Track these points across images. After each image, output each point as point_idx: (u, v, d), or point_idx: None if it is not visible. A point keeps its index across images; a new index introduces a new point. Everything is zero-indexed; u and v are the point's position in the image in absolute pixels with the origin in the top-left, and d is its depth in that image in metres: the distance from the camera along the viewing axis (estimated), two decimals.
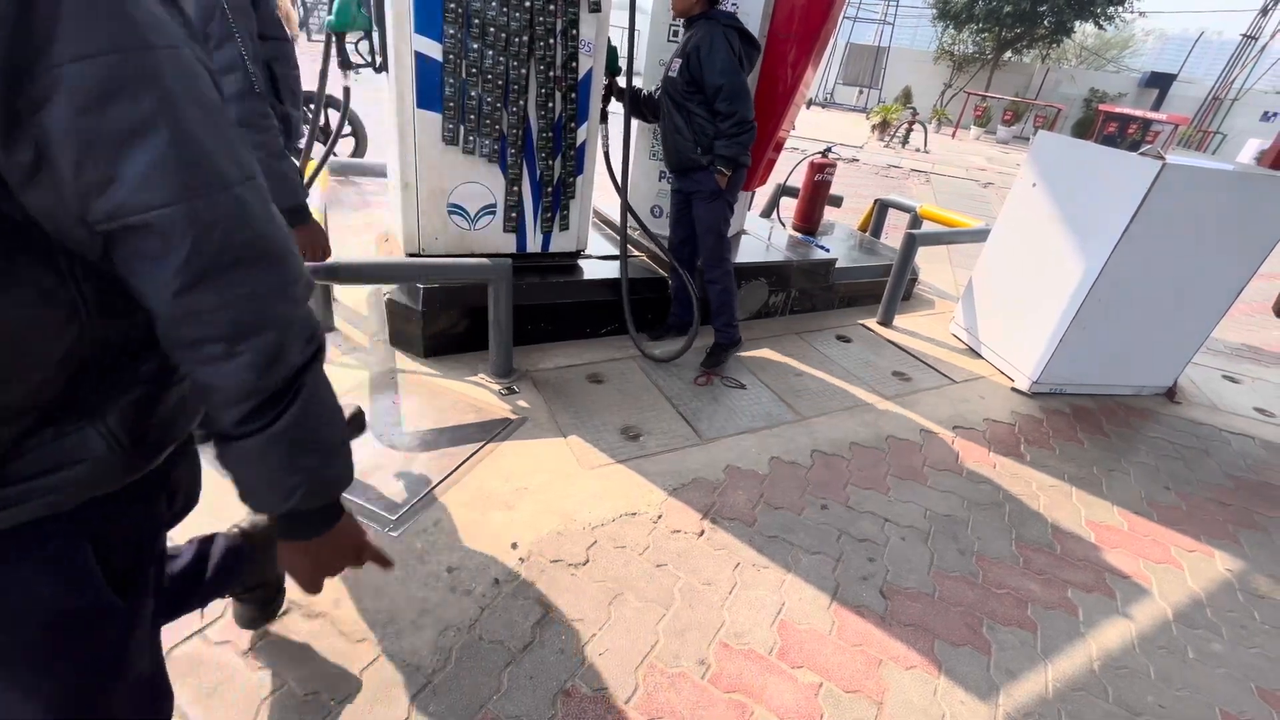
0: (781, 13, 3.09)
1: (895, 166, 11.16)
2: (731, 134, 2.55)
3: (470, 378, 2.73)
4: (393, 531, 1.89)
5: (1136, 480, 2.72)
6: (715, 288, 2.91)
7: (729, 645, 1.70)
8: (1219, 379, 3.87)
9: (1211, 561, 2.30)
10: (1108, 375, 3.36)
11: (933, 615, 1.89)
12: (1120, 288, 3.01)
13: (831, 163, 4.38)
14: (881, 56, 23.62)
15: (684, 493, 2.23)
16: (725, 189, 2.69)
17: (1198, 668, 1.85)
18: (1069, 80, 22.48)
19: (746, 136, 2.59)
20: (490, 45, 2.44)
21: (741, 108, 2.52)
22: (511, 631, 1.64)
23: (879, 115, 15.13)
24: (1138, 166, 2.80)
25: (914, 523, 2.26)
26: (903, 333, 3.86)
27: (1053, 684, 1.73)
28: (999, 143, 19.03)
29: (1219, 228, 2.93)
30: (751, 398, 2.90)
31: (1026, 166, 3.42)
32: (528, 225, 2.92)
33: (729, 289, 2.91)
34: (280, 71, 1.66)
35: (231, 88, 1.41)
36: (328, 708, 1.41)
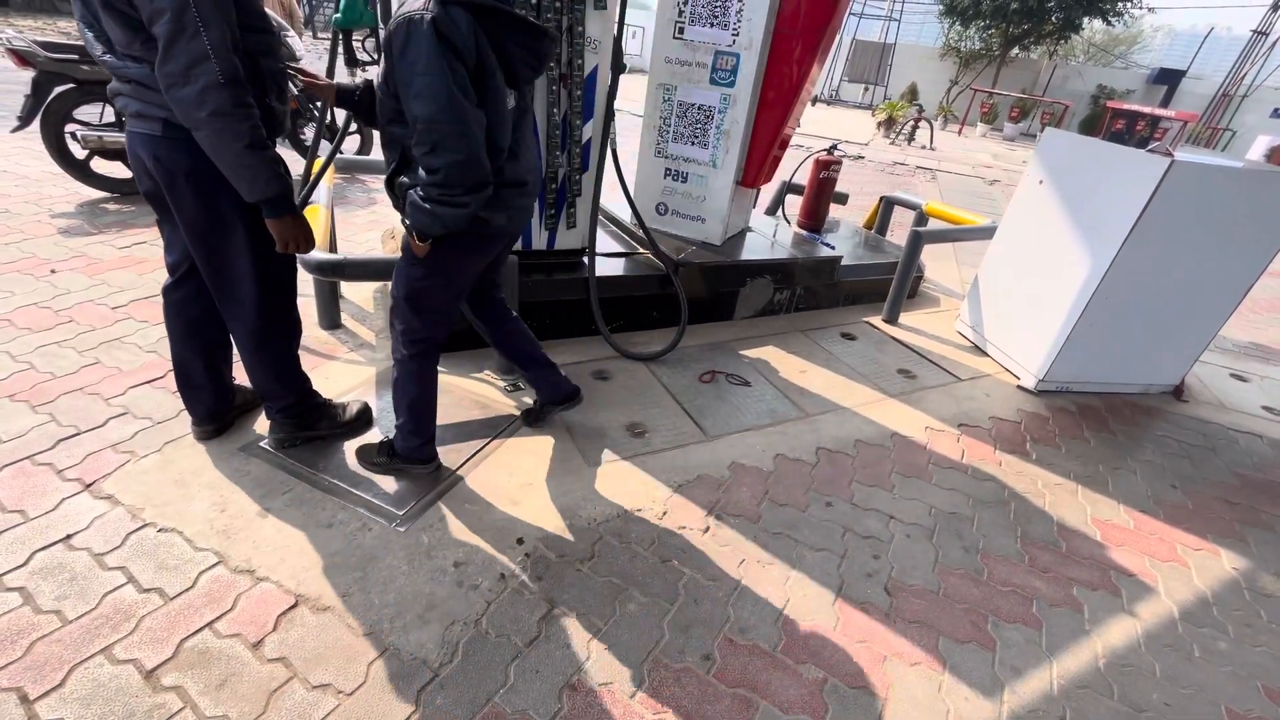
0: (787, 9, 3.08)
1: (901, 164, 11.11)
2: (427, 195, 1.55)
3: (476, 374, 2.75)
4: (399, 527, 1.91)
5: (1143, 478, 2.71)
6: (396, 376, 1.97)
7: (734, 640, 1.70)
8: (1227, 377, 3.85)
9: (1218, 560, 2.29)
10: (1114, 373, 3.34)
11: (937, 612, 1.89)
12: (1127, 286, 3.00)
13: (837, 160, 4.37)
14: (887, 53, 23.47)
15: (689, 489, 2.23)
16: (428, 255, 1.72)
17: (1203, 666, 1.85)
18: (1076, 77, 22.29)
19: (457, 198, 1.53)
20: None
21: (448, 155, 1.46)
22: (517, 626, 1.65)
23: (885, 112, 15.05)
24: (1146, 164, 2.79)
25: (919, 520, 2.26)
26: (908, 330, 3.85)
27: (1058, 681, 1.73)
28: (1005, 140, 18.92)
29: (1228, 225, 2.91)
30: (756, 395, 2.90)
31: (1033, 164, 3.40)
32: (533, 223, 2.93)
33: (416, 388, 1.96)
34: (266, 65, 1.63)
35: (200, 80, 1.40)
36: (336, 700, 1.43)
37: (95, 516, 1.81)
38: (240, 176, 1.56)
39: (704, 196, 3.57)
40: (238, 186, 1.58)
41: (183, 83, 1.40)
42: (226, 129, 1.47)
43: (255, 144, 1.52)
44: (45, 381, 2.35)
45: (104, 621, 1.53)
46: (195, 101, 1.42)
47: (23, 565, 1.64)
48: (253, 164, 1.54)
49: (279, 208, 1.65)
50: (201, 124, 1.45)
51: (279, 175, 1.61)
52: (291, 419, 2.11)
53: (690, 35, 3.23)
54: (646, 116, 3.52)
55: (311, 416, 2.16)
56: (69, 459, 2.00)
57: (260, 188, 1.59)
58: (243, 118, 1.48)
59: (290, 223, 1.70)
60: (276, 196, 1.62)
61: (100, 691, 1.39)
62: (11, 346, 2.54)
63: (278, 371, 2.01)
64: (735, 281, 3.56)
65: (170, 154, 1.59)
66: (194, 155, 1.57)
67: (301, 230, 1.73)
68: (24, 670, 1.41)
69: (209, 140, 1.49)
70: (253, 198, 1.60)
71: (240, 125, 1.48)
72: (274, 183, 1.60)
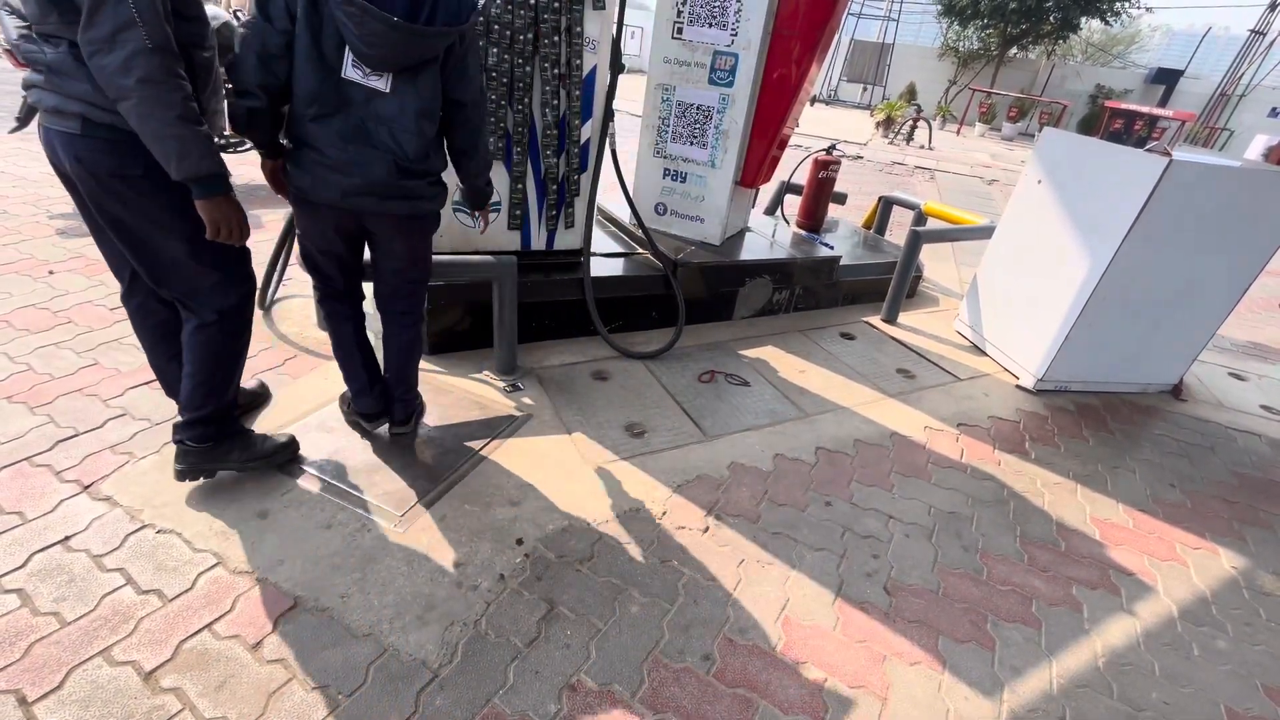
0: (785, 9, 3.08)
1: (899, 163, 11.12)
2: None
3: (475, 375, 2.74)
4: (398, 528, 1.90)
5: (1142, 478, 2.71)
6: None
7: (733, 641, 1.70)
8: (1225, 376, 3.85)
9: (1217, 559, 2.30)
10: (1113, 373, 3.35)
11: (937, 612, 1.89)
12: (1126, 285, 3.00)
13: (836, 160, 4.37)
14: (886, 53, 23.50)
15: (688, 489, 2.23)
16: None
17: (1203, 665, 1.85)
18: (1075, 76, 22.32)
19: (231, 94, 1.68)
20: (495, 43, 2.44)
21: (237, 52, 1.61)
22: (517, 626, 1.65)
23: (883, 112, 15.07)
24: (1144, 163, 2.79)
25: (918, 519, 2.26)
26: (907, 330, 3.86)
27: (1057, 680, 1.73)
28: (1004, 139, 18.94)
29: (1226, 224, 2.91)
30: (755, 395, 2.90)
31: (1032, 163, 3.41)
32: (532, 223, 2.93)
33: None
34: (198, 58, 1.52)
35: (127, 45, 1.29)
36: (336, 701, 1.42)
37: (94, 518, 1.81)
38: (169, 150, 1.42)
39: (703, 196, 3.57)
40: (164, 162, 1.44)
41: (107, 49, 1.30)
42: (156, 97, 1.35)
43: (188, 116, 1.40)
44: (44, 383, 2.35)
45: (103, 623, 1.53)
46: (121, 68, 1.31)
47: (21, 567, 1.64)
48: (184, 135, 1.41)
49: (209, 187, 1.51)
50: (128, 92, 1.33)
51: (211, 152, 1.48)
52: (203, 441, 1.85)
53: (689, 35, 3.23)
54: (645, 116, 3.52)
55: (225, 445, 1.90)
56: (67, 460, 2.00)
57: (191, 163, 1.44)
58: (174, 87, 1.37)
59: (221, 203, 1.55)
60: (208, 175, 1.48)
61: (99, 693, 1.38)
62: (10, 348, 2.53)
63: (212, 370, 1.80)
64: (734, 281, 3.56)
65: (91, 154, 1.47)
66: (119, 155, 1.46)
67: (234, 213, 1.58)
68: (22, 672, 1.41)
69: (136, 110, 1.36)
70: (180, 174, 1.45)
71: (172, 94, 1.37)
72: (206, 160, 1.46)
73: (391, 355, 2.16)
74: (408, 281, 2.05)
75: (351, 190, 1.72)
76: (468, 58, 1.72)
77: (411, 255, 1.98)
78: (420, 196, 1.81)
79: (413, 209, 1.82)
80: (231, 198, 1.57)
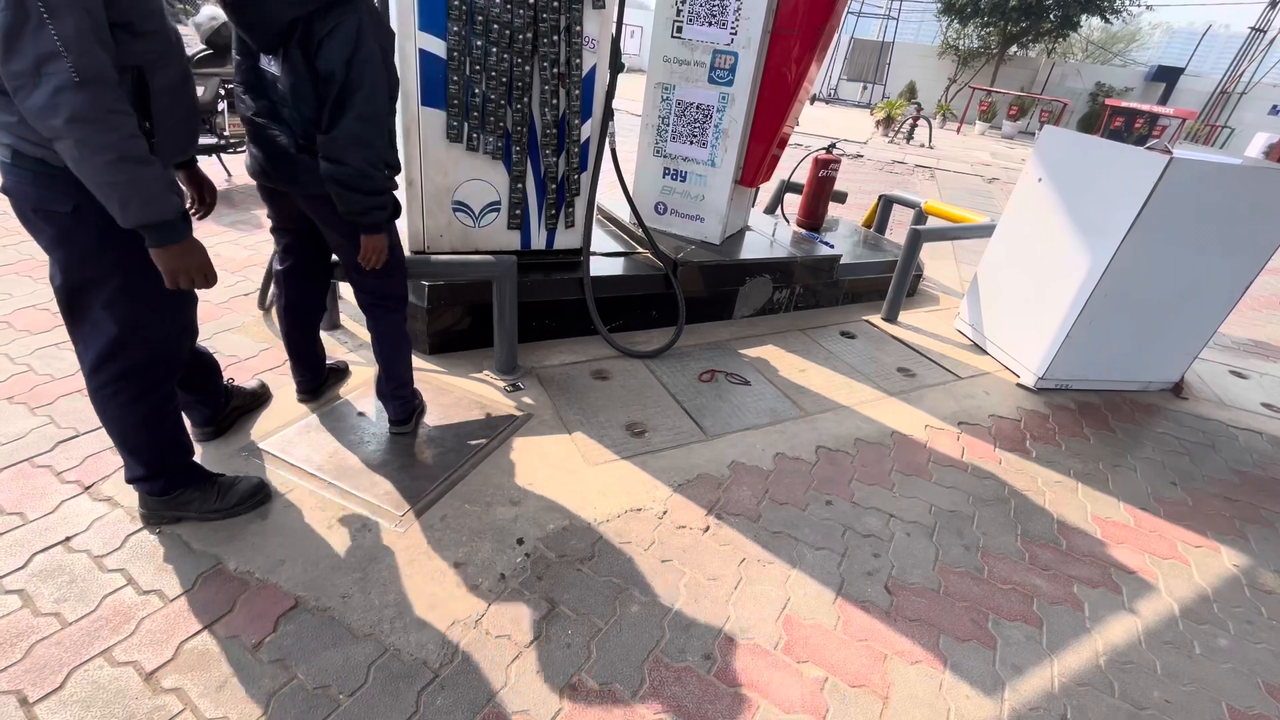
0: (785, 7, 3.08)
1: (900, 162, 11.11)
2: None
3: (475, 374, 2.74)
4: (399, 527, 1.90)
5: (1143, 476, 2.71)
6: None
7: (734, 640, 1.70)
8: (1226, 374, 3.85)
9: (1218, 557, 2.29)
10: (1114, 371, 3.35)
11: (938, 610, 1.89)
12: (1127, 283, 3.00)
13: (836, 159, 4.37)
14: (886, 52, 23.48)
15: (689, 489, 2.23)
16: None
17: (1204, 663, 1.85)
18: (1075, 75, 22.30)
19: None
20: (494, 42, 2.44)
21: None
22: (518, 626, 1.65)
23: (883, 111, 15.05)
24: (1144, 161, 2.79)
25: (919, 518, 2.26)
26: (907, 329, 3.85)
27: (1058, 679, 1.73)
28: (1004, 138, 18.93)
29: (1227, 222, 2.91)
30: (756, 394, 2.90)
31: (1032, 162, 3.40)
32: (532, 222, 2.93)
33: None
34: (158, 82, 1.35)
35: (51, 80, 1.13)
36: (337, 701, 1.42)
37: (95, 518, 1.81)
38: (108, 196, 1.26)
39: (703, 195, 3.57)
40: (109, 208, 1.28)
41: (30, 85, 1.14)
42: (88, 139, 1.18)
43: (129, 157, 1.23)
44: (44, 384, 2.35)
45: (104, 624, 1.53)
46: (47, 107, 1.14)
47: (22, 568, 1.64)
48: (124, 180, 1.24)
49: (160, 235, 1.35)
50: (60, 133, 1.17)
51: (161, 195, 1.31)
52: (153, 494, 1.76)
53: (688, 34, 3.23)
54: (645, 116, 3.52)
55: (184, 496, 1.79)
56: (68, 461, 2.00)
57: (135, 211, 1.28)
58: (110, 125, 1.20)
59: (178, 253, 1.39)
60: (158, 223, 1.32)
61: (100, 694, 1.39)
62: (10, 349, 2.53)
63: (123, 434, 1.64)
64: (734, 280, 3.56)
65: (19, 185, 1.33)
66: (41, 188, 1.32)
67: (192, 260, 1.42)
68: (24, 673, 1.41)
69: (70, 154, 1.21)
70: (127, 223, 1.29)
71: (107, 135, 1.20)
72: (154, 205, 1.30)
73: (373, 349, 2.20)
74: (358, 271, 2.03)
75: (258, 168, 1.86)
76: (333, 34, 1.60)
77: (342, 239, 1.96)
78: (316, 174, 1.76)
79: (309, 187, 1.82)
80: (189, 244, 1.41)
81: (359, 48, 1.60)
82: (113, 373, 1.55)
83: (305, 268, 2.17)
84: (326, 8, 1.58)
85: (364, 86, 1.64)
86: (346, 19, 1.58)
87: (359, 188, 1.73)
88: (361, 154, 1.70)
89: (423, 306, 2.72)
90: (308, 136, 1.75)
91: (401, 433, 2.29)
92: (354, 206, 1.77)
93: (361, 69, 1.62)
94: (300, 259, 2.15)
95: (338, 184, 1.72)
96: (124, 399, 1.60)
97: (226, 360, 2.62)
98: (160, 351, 1.61)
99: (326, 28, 1.59)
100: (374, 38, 1.63)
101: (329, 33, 1.59)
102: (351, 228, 1.88)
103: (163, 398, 1.67)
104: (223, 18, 4.36)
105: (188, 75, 1.47)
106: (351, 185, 1.73)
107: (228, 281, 3.33)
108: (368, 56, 1.62)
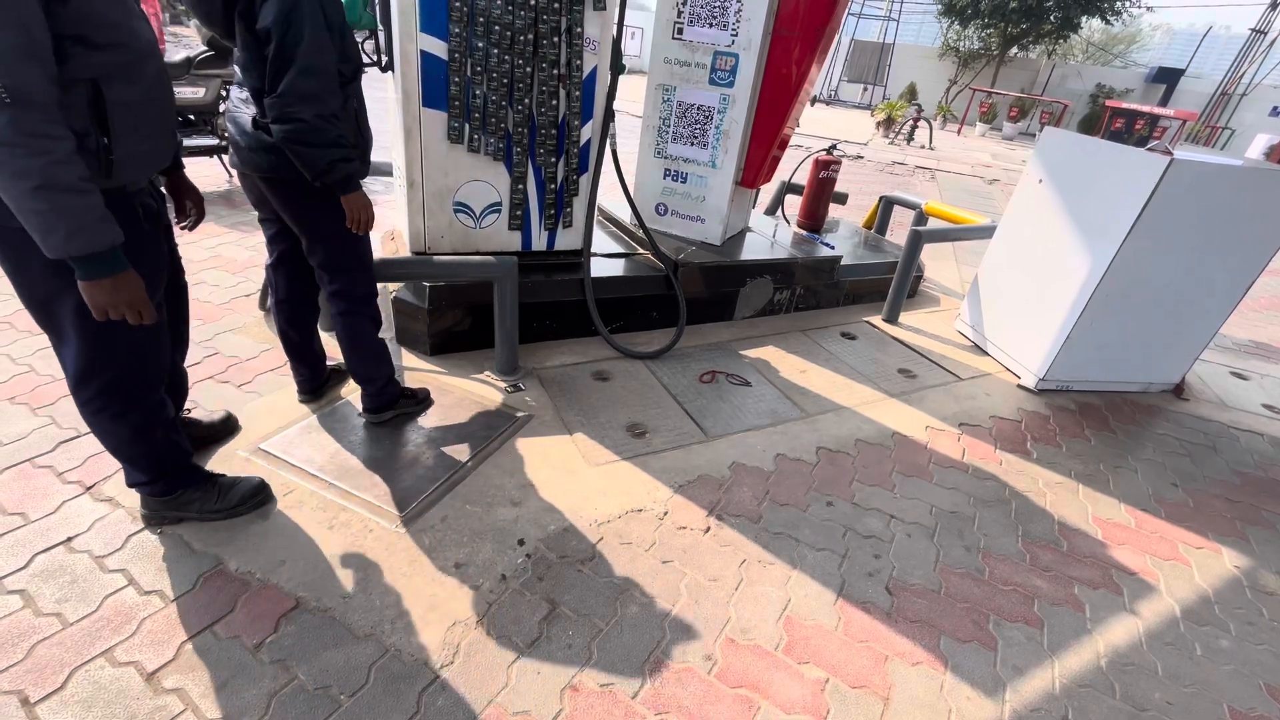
0: (785, 9, 3.08)
1: (900, 163, 11.12)
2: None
3: (476, 375, 2.75)
4: (400, 528, 1.91)
5: (1144, 477, 2.71)
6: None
7: (735, 641, 1.70)
8: (1227, 375, 3.85)
9: (1219, 558, 2.29)
10: (1115, 372, 3.34)
11: (939, 611, 1.89)
12: (1127, 284, 3.00)
13: (836, 160, 4.37)
14: (886, 53, 23.49)
15: (690, 490, 2.23)
16: None
17: (1205, 664, 1.85)
18: (1075, 76, 22.29)
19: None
20: (495, 44, 2.45)
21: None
22: (519, 627, 1.65)
23: (884, 112, 15.06)
24: (1145, 162, 2.79)
25: (920, 519, 2.26)
26: (908, 330, 3.85)
27: (1059, 680, 1.73)
28: (1004, 139, 18.93)
29: (1227, 223, 2.91)
30: (757, 395, 2.90)
31: (1032, 163, 3.40)
32: (532, 223, 2.93)
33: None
34: (118, 95, 1.28)
35: None
36: (338, 702, 1.42)
37: (96, 519, 1.81)
38: (30, 225, 1.20)
39: (703, 197, 3.57)
40: (33, 237, 1.22)
41: None
42: (5, 163, 1.12)
43: (52, 184, 1.16)
44: (45, 384, 2.35)
45: (105, 624, 1.53)
46: None
47: (23, 568, 1.64)
48: (45, 210, 1.17)
49: (88, 269, 1.27)
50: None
51: (90, 226, 1.23)
52: (155, 495, 1.77)
53: (689, 35, 3.23)
54: (646, 117, 3.52)
55: (185, 497, 1.80)
56: (70, 461, 2.00)
57: (57, 242, 1.21)
58: (33, 150, 1.13)
59: (109, 287, 1.30)
60: (85, 255, 1.25)
61: (101, 694, 1.39)
62: (12, 349, 2.54)
63: (116, 446, 1.65)
64: (735, 281, 3.56)
65: None
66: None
67: (124, 297, 1.33)
68: (25, 673, 1.41)
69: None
70: (50, 253, 1.23)
71: (27, 160, 1.13)
72: (79, 237, 1.22)
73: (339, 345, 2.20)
74: (318, 264, 2.03)
75: (234, 156, 1.86)
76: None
77: (301, 226, 1.95)
78: (269, 149, 1.74)
79: (269, 169, 1.79)
80: (122, 279, 1.32)
81: (296, 5, 1.58)
82: (95, 389, 1.53)
83: (291, 259, 2.12)
84: None
85: (304, 40, 1.60)
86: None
87: (314, 142, 1.67)
88: (311, 107, 1.65)
89: (424, 307, 2.73)
90: (262, 110, 1.72)
91: (375, 421, 2.33)
92: (316, 164, 1.71)
93: (300, 24, 1.59)
94: (285, 250, 2.11)
95: (293, 142, 1.67)
96: (110, 414, 1.57)
97: (227, 361, 2.62)
98: (136, 363, 1.56)
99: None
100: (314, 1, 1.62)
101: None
102: (313, 217, 1.87)
103: (151, 407, 1.63)
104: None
105: (159, 85, 1.41)
106: (306, 140, 1.67)
107: (229, 283, 3.33)
108: (307, 13, 1.60)
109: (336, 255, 2.01)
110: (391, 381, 2.32)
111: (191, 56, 4.50)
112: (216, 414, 2.20)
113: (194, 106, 4.61)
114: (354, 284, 2.08)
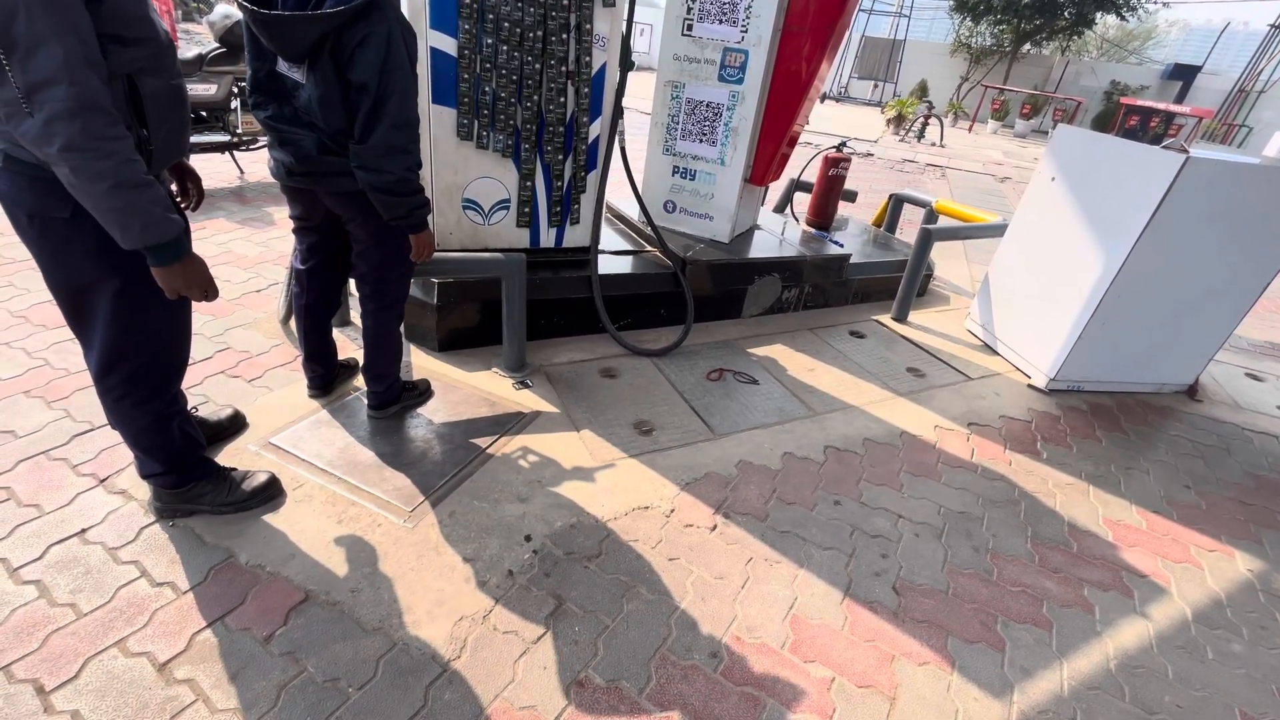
0: (795, 5, 3.07)
1: (910, 161, 11.04)
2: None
3: (484, 372, 2.76)
4: (408, 523, 1.92)
5: (1155, 479, 2.68)
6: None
7: (741, 639, 1.70)
8: (1242, 377, 3.80)
9: (1232, 561, 2.27)
10: (1127, 372, 3.31)
11: (946, 612, 1.88)
12: (1141, 284, 2.96)
13: (846, 157, 4.35)
14: (897, 50, 23.31)
15: (696, 487, 2.23)
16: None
17: (1217, 668, 1.83)
18: (1089, 73, 22.03)
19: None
20: (504, 40, 2.45)
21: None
22: (525, 622, 1.66)
23: (894, 109, 14.96)
24: (1160, 161, 2.75)
25: (928, 519, 2.25)
26: (917, 329, 3.83)
27: (1068, 682, 1.72)
28: (1017, 137, 18.75)
29: (1243, 223, 2.87)
30: (764, 393, 2.89)
31: (1045, 161, 3.37)
32: (541, 220, 2.94)
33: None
34: (149, 88, 1.33)
35: (44, 108, 1.11)
36: (346, 694, 1.44)
37: (109, 511, 1.83)
38: (109, 221, 1.27)
39: (712, 194, 3.56)
40: (109, 231, 1.29)
41: (22, 114, 1.13)
42: (83, 167, 1.17)
43: (125, 183, 1.22)
44: (60, 378, 2.38)
45: (118, 615, 1.55)
46: (41, 136, 1.14)
47: (38, 559, 1.67)
48: (121, 206, 1.24)
49: (162, 255, 1.36)
50: (56, 160, 1.17)
51: (160, 217, 1.31)
52: (166, 487, 1.79)
53: (699, 32, 3.22)
54: (654, 114, 3.52)
55: (196, 489, 1.83)
56: (84, 454, 2.03)
57: (135, 235, 1.29)
58: (104, 152, 1.18)
59: (180, 271, 1.40)
60: (159, 244, 1.33)
61: (114, 684, 1.41)
62: (27, 343, 2.57)
63: (135, 435, 1.68)
64: (743, 279, 3.55)
65: (12, 190, 1.31)
66: (38, 194, 1.30)
67: (194, 277, 1.44)
68: (40, 662, 1.43)
69: (68, 180, 1.21)
70: (128, 245, 1.31)
71: (102, 162, 1.18)
72: (154, 228, 1.30)
73: (364, 339, 2.24)
74: (368, 268, 2.10)
75: (283, 170, 1.88)
76: (364, 44, 1.60)
77: (367, 238, 2.02)
78: (344, 173, 1.81)
79: (337, 185, 1.87)
80: (191, 261, 1.43)
81: (389, 56, 1.63)
82: (121, 375, 1.56)
83: (329, 267, 2.19)
84: (355, 17, 1.59)
85: (396, 94, 1.67)
86: (376, 28, 1.60)
87: (400, 192, 1.79)
88: (401, 161, 1.75)
89: (432, 304, 2.74)
90: (336, 141, 1.78)
91: (379, 417, 2.36)
92: (398, 211, 1.84)
93: (393, 76, 1.65)
94: (324, 258, 2.17)
95: (380, 192, 1.78)
96: (131, 403, 1.61)
97: (238, 356, 2.65)
98: (163, 353, 1.62)
99: (357, 38, 1.60)
100: (402, 45, 1.66)
101: (360, 43, 1.61)
102: (379, 227, 1.93)
103: (170, 398, 1.68)
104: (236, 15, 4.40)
105: (178, 75, 1.45)
106: (395, 191, 1.78)
107: (240, 278, 3.36)
108: (399, 64, 1.65)
109: (389, 264, 2.10)
110: (398, 379, 2.37)
111: (204, 54, 4.53)
112: (223, 412, 2.21)
113: (206, 103, 4.65)
114: (398, 286, 2.18)
